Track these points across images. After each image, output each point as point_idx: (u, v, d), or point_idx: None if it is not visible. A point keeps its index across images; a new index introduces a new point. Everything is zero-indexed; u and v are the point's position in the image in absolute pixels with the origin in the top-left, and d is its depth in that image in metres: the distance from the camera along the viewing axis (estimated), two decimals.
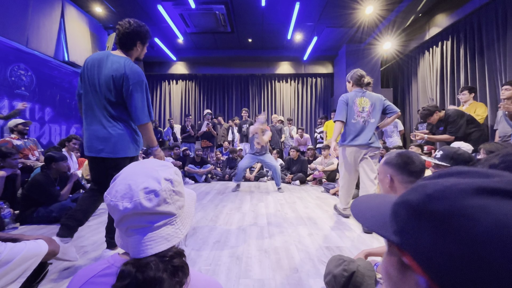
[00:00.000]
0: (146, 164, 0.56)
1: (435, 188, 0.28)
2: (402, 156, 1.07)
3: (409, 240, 0.29)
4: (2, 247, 0.84)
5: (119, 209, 0.49)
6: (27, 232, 2.31)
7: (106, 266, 0.51)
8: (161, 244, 0.50)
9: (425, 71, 5.74)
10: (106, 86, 1.58)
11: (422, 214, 0.28)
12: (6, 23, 3.58)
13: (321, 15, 5.26)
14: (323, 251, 1.89)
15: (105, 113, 1.61)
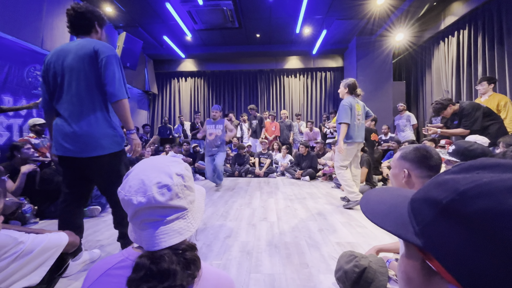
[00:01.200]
0: (157, 160, 0.57)
1: (470, 184, 0.24)
2: (421, 150, 1.03)
3: (437, 244, 0.25)
4: (25, 237, 0.89)
5: (133, 203, 0.50)
6: (46, 227, 2.42)
7: (121, 259, 0.53)
8: (173, 237, 0.52)
9: (440, 62, 5.53)
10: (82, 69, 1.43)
11: (454, 213, 0.24)
12: (22, 26, 3.70)
13: (330, 7, 5.14)
14: (334, 246, 1.88)
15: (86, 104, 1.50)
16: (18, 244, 0.87)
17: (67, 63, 1.44)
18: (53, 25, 4.23)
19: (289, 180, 5.01)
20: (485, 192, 0.23)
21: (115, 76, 1.42)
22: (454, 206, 0.24)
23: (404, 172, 1.03)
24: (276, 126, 6.23)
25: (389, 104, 6.31)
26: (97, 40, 1.50)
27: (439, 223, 0.26)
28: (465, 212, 0.24)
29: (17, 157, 2.71)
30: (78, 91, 1.44)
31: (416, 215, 0.29)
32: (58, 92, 1.48)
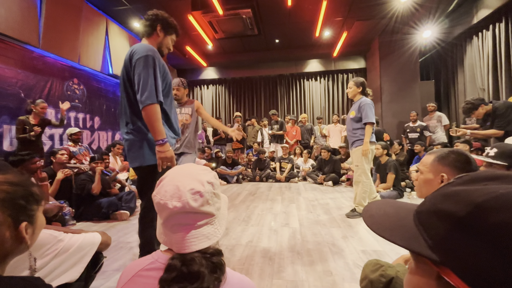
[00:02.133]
0: (190, 168, 0.62)
1: (486, 196, 0.24)
2: (460, 154, 0.94)
3: (455, 258, 0.25)
4: (64, 236, 0.98)
5: (168, 207, 0.55)
6: (83, 228, 2.61)
7: (150, 262, 0.57)
8: (202, 241, 0.56)
9: (473, 58, 5.16)
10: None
11: (473, 227, 0.24)
12: (63, 45, 4.08)
13: (351, 8, 5.05)
14: (359, 254, 1.81)
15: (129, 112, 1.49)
16: (58, 242, 0.95)
17: (120, 75, 1.47)
18: (89, 42, 4.61)
19: (311, 185, 4.92)
20: (504, 204, 0.23)
21: (141, 80, 1.31)
22: (472, 219, 0.24)
23: (442, 177, 0.94)
24: (297, 130, 6.17)
25: (417, 105, 5.99)
26: (142, 43, 1.43)
27: (455, 237, 0.25)
28: (484, 225, 0.23)
29: (54, 162, 2.99)
30: (124, 100, 1.44)
31: (427, 228, 0.28)
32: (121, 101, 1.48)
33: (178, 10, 4.96)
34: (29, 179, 0.64)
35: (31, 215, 0.60)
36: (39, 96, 3.82)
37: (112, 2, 4.67)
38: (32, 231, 0.61)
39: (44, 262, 0.90)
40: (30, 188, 0.61)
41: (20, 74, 3.58)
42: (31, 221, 0.60)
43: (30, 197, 0.60)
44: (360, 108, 2.70)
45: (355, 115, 2.76)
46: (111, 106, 5.43)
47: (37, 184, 0.69)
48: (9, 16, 3.27)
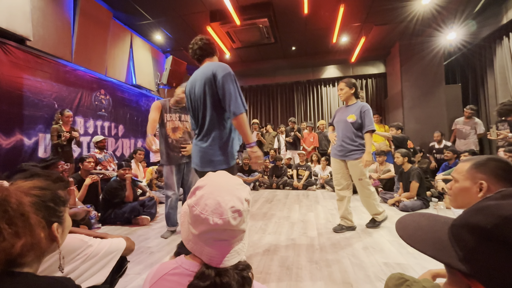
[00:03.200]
0: (228, 181, 0.62)
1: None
2: (502, 161, 0.86)
3: (481, 268, 0.25)
4: (93, 241, 1.03)
5: (209, 223, 0.55)
6: (108, 232, 2.73)
7: (174, 267, 0.59)
8: (234, 257, 0.57)
9: (504, 60, 4.85)
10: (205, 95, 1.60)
11: (499, 239, 0.25)
12: (92, 58, 4.39)
13: (369, 13, 4.97)
14: (381, 267, 1.73)
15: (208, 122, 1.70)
16: (88, 247, 1.01)
17: (195, 88, 1.64)
18: (115, 55, 4.91)
19: (329, 193, 4.81)
20: None
21: (231, 94, 1.50)
22: (499, 231, 0.25)
23: (482, 184, 0.86)
24: (314, 137, 6.10)
25: (442, 110, 5.70)
26: (215, 62, 1.64)
27: (483, 249, 0.26)
28: (510, 237, 0.24)
29: (82, 169, 3.17)
30: (202, 111, 1.62)
31: (458, 240, 0.29)
32: (192, 114, 1.72)
33: (197, 22, 5.16)
34: (55, 184, 0.69)
35: (60, 216, 0.65)
36: (70, 106, 4.10)
37: (137, 17, 4.96)
38: (62, 231, 0.66)
39: (75, 266, 0.96)
40: (57, 191, 0.66)
41: (54, 87, 3.88)
42: (60, 222, 0.65)
43: (57, 199, 0.65)
44: (362, 113, 2.42)
45: (355, 119, 2.43)
46: (134, 115, 5.70)
47: (64, 186, 0.75)
48: (46, 34, 3.58)
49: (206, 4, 4.59)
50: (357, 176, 2.46)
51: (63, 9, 3.85)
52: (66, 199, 0.68)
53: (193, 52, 1.73)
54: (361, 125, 2.43)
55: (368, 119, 2.39)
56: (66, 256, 0.93)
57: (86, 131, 4.45)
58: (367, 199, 2.53)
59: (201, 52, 1.71)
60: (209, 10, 4.77)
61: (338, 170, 2.57)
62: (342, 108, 2.60)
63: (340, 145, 2.51)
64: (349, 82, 2.52)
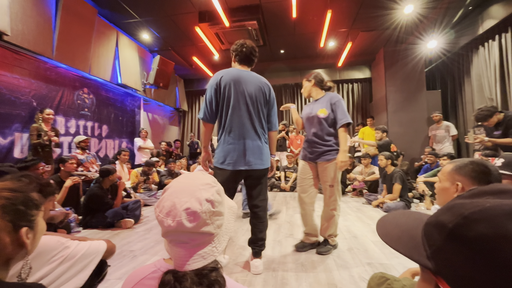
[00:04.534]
0: (192, 181, 0.60)
1: (474, 209, 0.26)
2: (479, 164, 0.93)
3: (445, 266, 0.26)
4: (70, 243, 0.99)
5: (163, 225, 0.55)
6: (88, 236, 2.62)
7: (153, 270, 0.58)
8: (197, 262, 0.54)
9: (480, 68, 5.12)
10: (259, 99, 1.74)
11: (459, 237, 0.26)
12: (75, 56, 4.24)
13: (355, 19, 5.12)
14: (365, 267, 1.77)
15: (257, 126, 1.74)
16: (65, 249, 0.96)
17: (249, 91, 1.71)
18: (99, 53, 4.77)
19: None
20: (486, 216, 0.24)
21: (273, 112, 1.85)
22: (459, 230, 0.26)
23: (457, 185, 0.94)
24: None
25: (423, 114, 5.94)
26: (261, 76, 1.82)
27: (446, 246, 0.27)
28: (468, 236, 0.25)
29: (62, 170, 3.04)
30: (253, 115, 1.74)
31: (428, 238, 0.30)
32: (232, 110, 1.70)
33: (186, 22, 5.11)
34: (29, 185, 0.65)
35: (31, 220, 0.62)
36: (50, 105, 3.94)
37: (123, 15, 4.85)
38: (33, 236, 0.62)
39: (51, 268, 0.91)
40: (30, 193, 0.63)
41: (33, 84, 3.71)
42: (31, 226, 0.61)
43: (30, 203, 0.62)
44: (333, 105, 2.01)
45: (327, 114, 2.02)
46: (119, 115, 5.55)
47: (40, 188, 0.71)
48: (25, 29, 3.42)
49: (195, 5, 4.56)
50: (328, 181, 2.04)
51: (44, 4, 3.70)
52: (39, 203, 0.65)
53: (254, 55, 1.82)
54: (334, 120, 2.01)
55: (341, 112, 1.98)
56: (41, 257, 0.89)
57: (67, 131, 4.29)
58: (332, 212, 2.08)
59: (253, 63, 1.85)
60: (198, 10, 4.74)
61: (306, 174, 2.16)
62: (310, 104, 2.20)
63: (309, 145, 2.11)
64: (308, 75, 2.19)
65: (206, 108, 1.72)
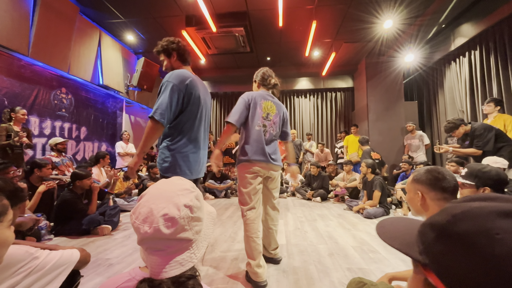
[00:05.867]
0: (170, 187, 0.58)
1: (462, 209, 0.29)
2: (432, 172, 1.02)
3: (435, 260, 0.30)
4: (40, 253, 0.93)
5: (140, 232, 0.53)
6: (60, 244, 2.47)
7: (127, 279, 0.55)
8: (175, 268, 0.53)
9: (452, 82, 5.48)
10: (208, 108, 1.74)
11: (448, 234, 0.29)
12: (53, 54, 4.06)
13: (339, 31, 5.32)
14: (344, 272, 1.80)
15: (206, 136, 1.74)
16: (33, 260, 0.90)
17: (202, 95, 1.66)
18: (80, 53, 4.60)
19: (299, 200, 4.91)
20: (471, 215, 0.28)
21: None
22: (448, 227, 0.29)
23: (418, 194, 1.02)
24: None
25: (401, 124, 6.23)
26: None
27: (437, 242, 0.30)
28: (455, 232, 0.28)
29: (35, 174, 2.85)
30: (207, 125, 1.74)
31: (421, 236, 0.33)
32: (195, 119, 1.61)
33: (172, 25, 5.08)
34: None
35: None
36: (23, 104, 3.72)
37: (107, 15, 4.73)
38: None
39: (15, 281, 0.85)
40: None
41: (5, 82, 3.50)
42: None
43: None
44: None
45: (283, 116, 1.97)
46: (99, 117, 5.34)
47: (9, 194, 0.65)
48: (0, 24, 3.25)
49: (182, 9, 4.54)
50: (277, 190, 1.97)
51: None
52: (1, 212, 0.60)
53: (186, 51, 1.80)
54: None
55: None
56: (5, 270, 0.83)
57: (41, 132, 4.06)
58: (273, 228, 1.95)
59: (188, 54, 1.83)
60: (185, 14, 4.72)
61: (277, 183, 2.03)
62: None
63: (273, 150, 1.93)
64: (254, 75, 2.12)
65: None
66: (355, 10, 4.53)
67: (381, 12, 4.51)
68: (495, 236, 0.25)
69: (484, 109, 3.36)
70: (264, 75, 1.99)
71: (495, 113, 3.26)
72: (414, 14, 4.54)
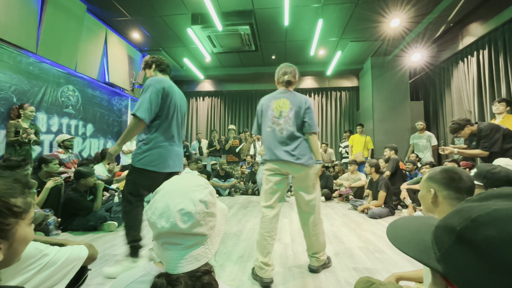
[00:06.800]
0: (185, 183, 0.59)
1: (480, 212, 0.26)
2: (449, 172, 1.01)
3: (454, 269, 0.26)
4: (50, 250, 0.94)
5: (157, 227, 0.53)
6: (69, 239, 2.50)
7: (143, 274, 0.56)
8: (191, 263, 0.54)
9: (460, 82, 5.41)
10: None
11: (467, 240, 0.26)
12: (61, 51, 4.10)
13: (345, 30, 5.28)
14: (350, 272, 1.80)
15: (180, 135, 1.98)
16: (43, 256, 0.91)
17: (178, 100, 1.93)
18: (87, 51, 4.64)
19: None
20: (491, 220, 0.25)
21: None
22: (467, 233, 0.26)
23: (431, 192, 1.01)
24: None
25: (407, 124, 6.17)
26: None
27: (455, 249, 0.27)
28: (475, 239, 0.25)
29: (43, 170, 2.90)
30: (182, 126, 2.01)
31: (437, 241, 0.30)
32: (171, 119, 1.86)
33: (178, 23, 5.09)
34: (9, 190, 0.60)
35: (4, 230, 0.56)
36: (32, 101, 3.77)
37: (113, 13, 4.76)
38: (8, 246, 0.56)
39: (28, 277, 0.86)
40: (9, 200, 0.56)
41: (14, 79, 3.55)
42: (5, 236, 0.56)
43: (5, 210, 0.56)
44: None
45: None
46: (105, 114, 5.39)
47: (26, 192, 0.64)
48: (8, 22, 3.29)
49: (188, 7, 4.55)
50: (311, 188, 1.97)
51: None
52: (22, 210, 0.58)
53: (165, 64, 2.05)
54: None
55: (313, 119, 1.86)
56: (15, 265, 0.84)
57: (49, 128, 4.12)
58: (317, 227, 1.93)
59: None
60: (191, 12, 4.73)
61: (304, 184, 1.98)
62: None
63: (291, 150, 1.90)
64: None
65: None
66: (362, 9, 4.49)
67: (388, 10, 4.47)
68: None
69: (497, 107, 3.26)
70: (277, 74, 1.97)
71: (505, 113, 3.21)
72: (422, 12, 4.48)
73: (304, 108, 1.81)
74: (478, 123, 2.84)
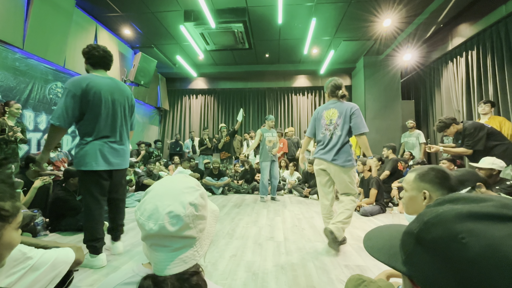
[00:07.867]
0: (175, 184, 0.58)
1: (431, 215, 0.29)
2: (439, 170, 0.97)
3: (416, 270, 0.29)
4: (34, 253, 0.90)
5: (145, 229, 0.53)
6: (57, 240, 2.45)
7: (131, 275, 0.55)
8: (179, 266, 0.53)
9: (449, 82, 5.52)
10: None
11: (422, 241, 0.29)
12: (49, 47, 3.98)
13: (338, 29, 5.31)
14: (342, 269, 1.82)
15: (122, 130, 1.95)
16: (26, 260, 0.87)
17: (107, 95, 1.84)
18: (76, 46, 4.52)
19: (297, 198, 4.94)
20: (438, 221, 0.28)
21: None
22: (422, 234, 0.29)
23: (425, 193, 0.97)
24: (284, 142, 6.25)
25: (398, 123, 6.27)
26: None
27: (416, 252, 0.29)
28: (427, 239, 0.28)
29: (31, 169, 2.82)
30: (121, 121, 1.93)
31: (403, 245, 0.32)
32: (108, 119, 1.84)
33: (171, 20, 5.01)
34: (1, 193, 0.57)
35: None
36: (18, 98, 3.66)
37: (104, 8, 4.65)
38: None
39: (11, 282, 0.83)
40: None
41: None
42: None
43: None
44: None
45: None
46: None
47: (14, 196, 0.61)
48: None
49: (181, 3, 4.49)
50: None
51: None
52: (9, 214, 0.56)
53: (101, 56, 1.99)
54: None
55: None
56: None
57: (36, 126, 4.00)
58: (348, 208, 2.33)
59: (110, 60, 2.05)
60: (183, 9, 4.67)
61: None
62: None
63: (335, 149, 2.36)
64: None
65: None
66: (355, 8, 4.52)
67: (380, 10, 4.51)
68: (461, 241, 0.25)
69: (482, 108, 3.36)
70: (332, 87, 2.34)
71: (490, 114, 3.30)
72: (413, 13, 4.55)
73: (349, 114, 2.21)
74: (463, 122, 2.91)
